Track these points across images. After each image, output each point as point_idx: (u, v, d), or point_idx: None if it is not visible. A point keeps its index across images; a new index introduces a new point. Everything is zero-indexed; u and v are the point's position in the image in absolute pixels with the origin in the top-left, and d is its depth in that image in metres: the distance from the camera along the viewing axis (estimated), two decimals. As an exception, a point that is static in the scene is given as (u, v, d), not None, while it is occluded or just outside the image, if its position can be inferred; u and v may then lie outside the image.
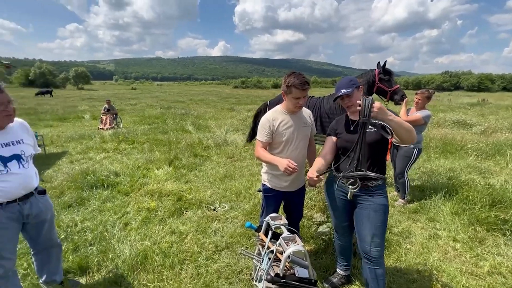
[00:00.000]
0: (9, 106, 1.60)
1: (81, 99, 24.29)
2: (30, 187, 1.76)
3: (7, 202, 1.64)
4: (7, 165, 1.63)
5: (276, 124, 2.02)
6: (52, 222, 1.96)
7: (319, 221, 2.76)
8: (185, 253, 2.50)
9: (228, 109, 16.24)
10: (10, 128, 1.71)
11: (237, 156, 5.85)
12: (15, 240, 1.76)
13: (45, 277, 2.03)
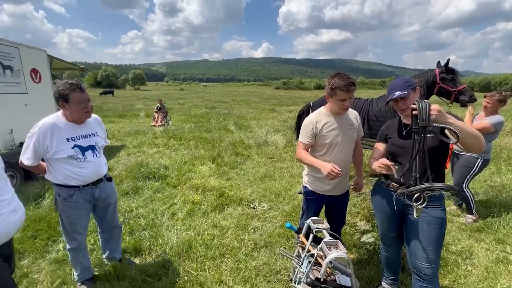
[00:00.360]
0: (88, 104, 1.87)
1: (137, 99, 26.95)
2: (101, 174, 2.01)
3: (83, 185, 1.91)
4: (85, 154, 1.89)
5: (320, 126, 1.98)
6: (115, 206, 2.23)
7: (363, 230, 2.62)
8: (226, 247, 2.61)
9: (269, 110, 16.35)
10: (88, 122, 1.97)
11: (277, 157, 5.87)
12: (87, 218, 2.05)
13: (107, 253, 2.32)
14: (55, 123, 1.81)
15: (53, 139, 1.78)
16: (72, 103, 1.79)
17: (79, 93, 1.79)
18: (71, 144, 1.84)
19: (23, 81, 4.77)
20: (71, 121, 1.87)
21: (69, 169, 1.85)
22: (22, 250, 2.51)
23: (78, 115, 1.85)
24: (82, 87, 1.83)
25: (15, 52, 4.60)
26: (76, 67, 8.14)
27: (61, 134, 1.81)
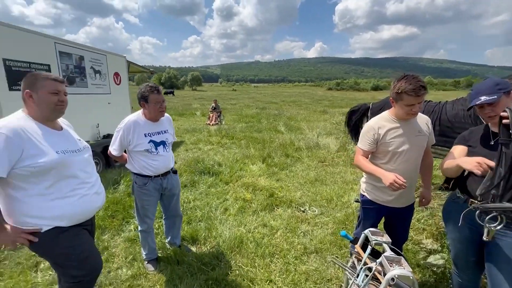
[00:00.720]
0: (163, 104, 2.10)
1: (194, 99, 29.12)
2: (169, 167, 2.24)
3: (154, 176, 2.16)
4: (157, 148, 2.13)
5: (382, 133, 1.81)
6: (178, 197, 2.46)
7: (430, 249, 2.34)
8: (275, 247, 2.63)
9: (321, 112, 15.84)
10: (161, 121, 2.20)
11: (329, 161, 5.65)
12: (155, 205, 2.31)
13: (169, 238, 2.58)
14: (136, 120, 2.08)
15: (134, 134, 2.05)
16: (150, 103, 2.03)
17: (156, 94, 2.03)
18: (148, 139, 2.08)
19: (108, 83, 5.62)
20: (148, 119, 2.11)
21: (145, 161, 2.11)
22: (103, 227, 2.96)
23: (154, 113, 2.09)
24: (159, 89, 2.08)
25: (103, 58, 5.45)
26: (147, 70, 9.21)
27: (141, 130, 2.06)
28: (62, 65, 4.34)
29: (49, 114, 1.42)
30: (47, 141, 1.37)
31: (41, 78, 1.39)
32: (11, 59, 3.46)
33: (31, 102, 1.38)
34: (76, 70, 4.67)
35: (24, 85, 1.39)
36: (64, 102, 1.46)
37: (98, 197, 1.60)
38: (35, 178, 1.31)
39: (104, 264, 2.37)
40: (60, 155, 1.38)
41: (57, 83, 1.42)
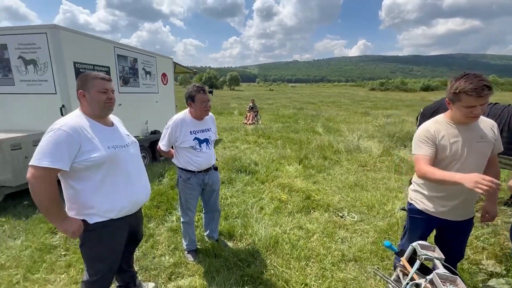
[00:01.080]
0: (208, 104, 2.20)
1: (232, 98, 29.88)
2: (211, 163, 2.34)
3: (197, 171, 2.28)
4: (201, 146, 2.23)
5: (439, 137, 1.63)
6: (218, 192, 2.56)
7: (491, 271, 2.06)
8: (311, 251, 2.58)
9: (362, 113, 15.02)
10: (205, 119, 2.30)
11: (371, 166, 5.33)
12: (197, 199, 2.43)
13: (208, 232, 2.69)
14: (183, 118, 2.21)
15: (181, 131, 2.17)
16: (196, 102, 2.14)
17: (202, 94, 2.14)
18: (193, 137, 2.20)
19: (156, 83, 6.07)
20: (194, 117, 2.23)
21: (189, 157, 2.23)
22: (149, 215, 3.22)
23: (200, 112, 2.19)
24: (204, 89, 2.18)
25: (153, 60, 5.89)
26: (190, 70, 9.74)
27: (187, 128, 2.18)
28: (119, 67, 4.81)
29: (100, 111, 1.50)
30: (99, 137, 1.45)
31: (91, 77, 1.47)
32: (80, 62, 3.94)
33: (84, 101, 1.48)
34: (130, 71, 5.13)
35: (78, 85, 1.48)
36: (112, 99, 1.54)
37: (144, 190, 1.68)
38: (89, 172, 1.41)
39: (149, 250, 2.58)
40: (110, 150, 1.46)
41: (105, 82, 1.50)
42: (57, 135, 1.32)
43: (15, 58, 3.66)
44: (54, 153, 1.29)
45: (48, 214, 1.39)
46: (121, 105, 4.82)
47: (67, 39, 3.66)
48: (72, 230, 1.40)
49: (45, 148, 1.30)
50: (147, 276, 2.26)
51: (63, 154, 1.31)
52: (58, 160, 1.30)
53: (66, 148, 1.32)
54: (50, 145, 1.30)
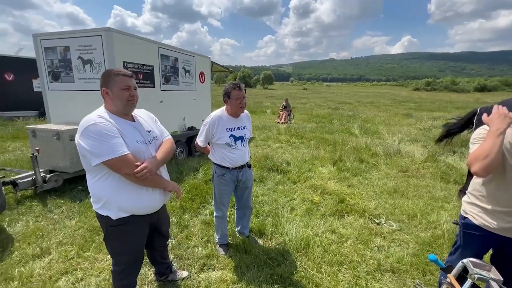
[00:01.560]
0: (243, 101, 2.21)
1: (265, 97, 29.96)
2: (245, 160, 2.37)
3: (232, 168, 2.32)
4: (236, 143, 2.26)
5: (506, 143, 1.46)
6: (251, 190, 2.58)
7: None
8: (344, 257, 2.47)
9: (404, 115, 13.99)
10: (241, 117, 2.32)
11: (413, 172, 4.94)
12: (230, 195, 2.49)
13: (239, 228, 2.74)
14: (220, 115, 2.25)
15: (218, 128, 2.21)
16: (232, 99, 2.16)
17: (237, 91, 2.15)
18: (228, 134, 2.23)
19: (194, 81, 6.33)
20: (230, 114, 2.26)
21: (224, 153, 2.28)
22: (185, 207, 3.38)
23: (235, 109, 2.21)
24: (240, 86, 2.19)
25: (192, 59, 6.15)
26: (226, 69, 9.97)
27: (223, 125, 2.22)
28: (162, 66, 5.11)
29: (123, 109, 1.49)
30: (126, 132, 1.46)
31: (113, 74, 1.45)
32: (128, 61, 4.27)
33: (108, 98, 1.47)
34: (171, 70, 5.42)
35: (101, 83, 1.47)
36: (135, 96, 1.51)
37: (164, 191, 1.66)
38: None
39: (183, 241, 2.71)
40: (138, 144, 1.48)
41: (127, 78, 1.47)
42: (101, 129, 1.34)
43: (75, 58, 4.09)
44: (114, 144, 1.34)
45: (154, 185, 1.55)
46: (162, 102, 5.13)
47: (118, 40, 3.99)
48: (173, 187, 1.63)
49: (105, 144, 1.32)
50: (181, 264, 2.37)
51: (121, 141, 1.38)
52: (120, 146, 1.36)
53: (115, 135, 1.37)
54: (105, 139, 1.33)
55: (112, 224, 1.48)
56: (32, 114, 10.20)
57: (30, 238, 2.69)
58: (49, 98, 4.46)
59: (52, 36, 4.16)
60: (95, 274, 2.21)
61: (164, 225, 1.89)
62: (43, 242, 2.62)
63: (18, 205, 3.38)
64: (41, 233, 2.78)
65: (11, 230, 2.84)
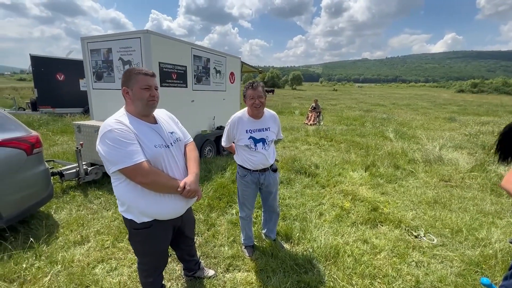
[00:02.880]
0: (257, 101, 2.03)
1: (293, 98, 29.58)
2: (267, 164, 2.25)
3: (253, 170, 2.24)
4: (256, 145, 2.16)
5: None
6: (276, 195, 2.46)
7: None
8: (378, 270, 2.30)
9: (446, 119, 12.89)
10: (264, 118, 2.20)
11: (457, 181, 4.49)
12: (253, 197, 2.40)
13: (265, 230, 2.69)
14: (241, 116, 2.19)
15: (238, 129, 2.17)
16: (247, 99, 2.08)
17: (250, 90, 2.04)
18: (248, 136, 2.14)
19: (225, 81, 6.42)
20: (250, 115, 2.17)
21: (245, 155, 2.22)
22: (212, 206, 3.42)
23: (251, 109, 2.11)
24: (254, 85, 2.05)
25: (223, 60, 6.25)
26: (256, 70, 10.00)
27: (243, 126, 2.16)
28: (194, 66, 5.25)
29: (142, 109, 1.43)
30: (145, 135, 1.40)
31: (134, 73, 1.40)
32: (163, 62, 4.45)
33: (128, 98, 1.42)
34: (203, 71, 5.55)
35: (122, 82, 1.42)
36: (155, 97, 1.45)
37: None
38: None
39: (210, 239, 2.73)
40: (157, 149, 1.42)
41: (148, 77, 1.42)
42: (116, 135, 1.29)
43: (116, 59, 4.36)
44: (129, 151, 1.29)
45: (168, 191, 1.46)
46: (193, 101, 5.27)
47: (155, 42, 4.17)
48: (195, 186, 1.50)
49: (119, 151, 1.29)
50: (207, 262, 2.39)
51: (136, 148, 1.32)
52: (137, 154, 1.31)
53: (133, 142, 1.33)
54: (120, 146, 1.29)
55: (136, 227, 1.47)
56: (78, 111, 11.16)
57: (72, 225, 2.91)
58: (93, 96, 4.82)
59: (97, 39, 4.48)
60: (128, 265, 2.31)
61: (188, 228, 1.85)
62: (83, 230, 2.82)
63: (63, 194, 3.68)
64: (82, 221, 3.00)
65: (56, 217, 3.10)
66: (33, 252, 2.38)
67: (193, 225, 1.96)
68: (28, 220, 2.91)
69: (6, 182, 2.41)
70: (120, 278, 2.14)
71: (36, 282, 2.06)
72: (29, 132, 2.74)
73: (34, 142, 2.68)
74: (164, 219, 1.52)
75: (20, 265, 2.21)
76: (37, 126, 8.23)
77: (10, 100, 13.23)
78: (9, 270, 2.13)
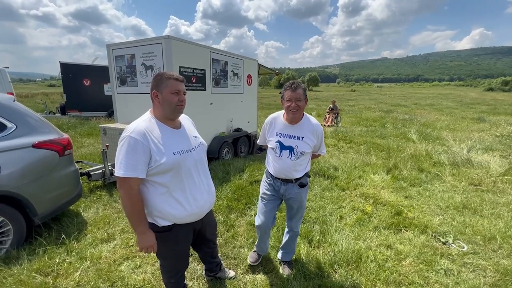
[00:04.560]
0: (293, 104, 1.84)
1: (310, 99, 29.23)
2: (289, 176, 2.00)
3: (275, 177, 2.06)
4: (282, 152, 1.97)
5: None
6: (297, 212, 2.15)
7: None
8: (403, 277, 2.22)
9: (474, 119, 12.19)
10: (301, 125, 1.96)
11: (488, 185, 4.23)
12: (271, 205, 2.12)
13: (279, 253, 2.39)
14: (276, 117, 2.07)
15: (270, 129, 2.07)
16: (284, 100, 1.90)
17: (289, 91, 1.85)
18: (276, 138, 2.00)
19: (242, 84, 6.47)
20: (285, 119, 1.99)
21: (271, 158, 2.08)
22: (231, 207, 3.45)
23: (286, 113, 1.94)
24: (294, 85, 1.85)
25: (241, 63, 6.31)
26: (273, 71, 9.99)
27: (275, 127, 2.03)
28: (213, 69, 5.35)
29: (170, 114, 1.44)
30: (166, 141, 1.40)
31: (165, 78, 1.41)
32: (183, 66, 4.57)
33: (157, 101, 1.43)
34: (221, 73, 5.64)
35: (152, 85, 1.43)
36: (184, 101, 1.46)
37: (208, 198, 1.62)
38: (156, 177, 1.39)
39: (230, 240, 2.75)
40: (176, 156, 1.40)
41: (178, 83, 1.43)
42: (127, 143, 1.31)
43: (139, 64, 4.54)
44: (128, 162, 1.30)
45: (130, 222, 1.44)
46: (212, 104, 5.36)
47: (175, 47, 4.30)
48: (142, 246, 1.43)
49: (121, 158, 1.32)
50: (227, 263, 2.41)
51: (136, 163, 1.31)
52: (131, 169, 1.30)
53: (138, 156, 1.32)
54: (124, 154, 1.32)
55: (157, 230, 1.49)
56: (102, 114, 11.71)
57: (99, 223, 3.05)
58: (117, 100, 5.04)
59: (121, 46, 4.70)
60: (151, 263, 2.39)
61: (209, 230, 1.83)
62: (109, 228, 2.94)
63: (90, 194, 3.87)
64: (108, 220, 3.13)
65: (85, 215, 3.26)
66: (65, 248, 2.52)
67: (215, 227, 1.94)
68: (59, 217, 3.09)
69: (41, 181, 2.57)
70: (144, 276, 2.21)
71: (68, 276, 2.18)
72: (61, 134, 2.91)
73: (66, 144, 2.85)
74: (183, 223, 1.53)
75: (54, 260, 2.34)
76: (66, 129, 8.73)
77: (42, 105, 14.14)
78: (44, 264, 2.27)
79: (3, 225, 2.37)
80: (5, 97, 2.66)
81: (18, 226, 2.46)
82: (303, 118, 1.98)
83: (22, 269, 2.17)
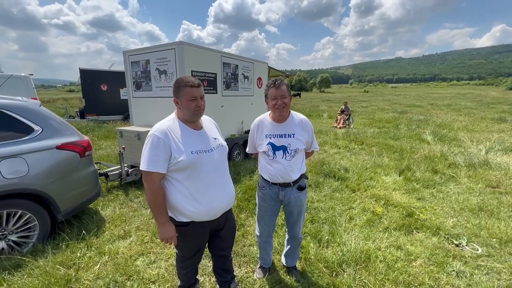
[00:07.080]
0: (279, 101, 1.77)
1: (321, 100, 29.01)
2: (287, 179, 1.88)
3: (272, 183, 1.94)
4: (275, 153, 1.86)
5: None
6: (298, 218, 2.06)
7: None
8: (413, 278, 2.20)
9: (494, 120, 11.72)
10: (289, 122, 1.88)
11: (507, 188, 4.08)
12: (270, 214, 2.05)
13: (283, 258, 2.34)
14: (262, 119, 1.96)
15: (258, 133, 1.95)
16: (268, 99, 1.83)
17: (273, 89, 1.78)
18: (266, 141, 1.88)
19: (252, 86, 6.57)
20: (272, 118, 1.91)
21: (263, 163, 1.96)
22: (241, 207, 3.52)
23: (272, 111, 1.86)
24: (276, 83, 1.79)
25: (251, 66, 6.41)
26: (283, 74, 10.06)
27: (263, 130, 1.92)
28: (224, 73, 5.48)
29: (190, 117, 1.54)
30: (185, 141, 1.50)
31: (182, 86, 1.49)
32: (195, 70, 4.72)
33: (178, 107, 1.56)
34: (232, 77, 5.76)
35: (173, 92, 1.55)
36: (201, 106, 1.53)
37: (227, 197, 1.64)
38: (175, 174, 1.49)
39: (240, 239, 2.82)
40: (193, 155, 1.48)
41: (193, 89, 1.49)
42: (151, 140, 1.45)
43: (153, 69, 4.73)
44: (150, 157, 1.43)
45: (152, 213, 1.59)
46: (223, 107, 5.49)
47: (188, 52, 4.45)
48: (162, 237, 1.52)
49: (145, 154, 1.46)
50: (238, 260, 2.48)
51: (158, 159, 1.43)
52: (153, 164, 1.43)
53: (160, 153, 1.43)
54: (148, 150, 1.45)
55: (176, 224, 1.57)
56: (118, 118, 12.16)
57: (116, 221, 3.21)
58: (133, 104, 5.26)
59: (137, 52, 4.91)
60: (165, 259, 2.50)
61: (227, 234, 1.80)
62: (126, 226, 3.09)
63: (108, 193, 4.07)
64: (124, 218, 3.29)
65: (103, 213, 3.44)
66: (85, 243, 2.68)
67: (233, 233, 1.86)
68: (80, 215, 3.27)
69: (64, 180, 2.75)
70: (159, 271, 2.32)
71: (88, 269, 2.32)
72: (82, 137, 3.09)
73: (86, 146, 3.03)
74: (199, 220, 1.57)
75: (75, 254, 2.50)
76: (84, 132, 9.13)
77: (62, 109, 14.85)
78: (66, 257, 2.42)
79: (31, 220, 2.56)
80: (32, 102, 2.87)
81: (44, 222, 2.64)
82: (290, 115, 1.90)
83: (47, 261, 2.33)
